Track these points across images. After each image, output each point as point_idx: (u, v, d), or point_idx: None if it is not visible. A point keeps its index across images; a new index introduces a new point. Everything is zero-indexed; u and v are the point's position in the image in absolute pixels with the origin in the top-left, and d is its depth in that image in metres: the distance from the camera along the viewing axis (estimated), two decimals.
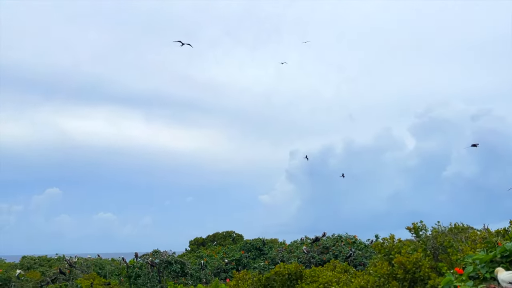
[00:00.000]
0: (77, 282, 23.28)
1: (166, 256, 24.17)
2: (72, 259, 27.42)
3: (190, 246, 44.55)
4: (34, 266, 33.93)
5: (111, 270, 30.78)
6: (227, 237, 43.15)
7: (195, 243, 44.91)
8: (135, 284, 22.99)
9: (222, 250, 33.04)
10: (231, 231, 44.79)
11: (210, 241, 43.39)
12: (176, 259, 24.10)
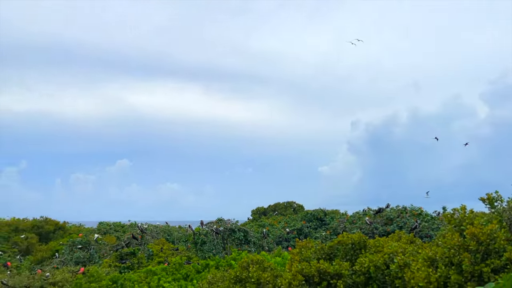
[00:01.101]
0: (149, 246, 24.77)
1: (229, 224, 24.91)
2: (143, 226, 29.11)
3: (252, 215, 45.61)
4: (110, 231, 36.58)
5: (178, 237, 32.40)
6: (288, 207, 43.58)
7: (256, 212, 45.91)
8: (201, 250, 24.01)
9: (283, 220, 33.49)
10: (292, 201, 45.15)
11: (271, 210, 44.09)
12: (239, 227, 24.77)
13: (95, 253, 27.06)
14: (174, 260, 14.95)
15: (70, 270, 20.05)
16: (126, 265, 21.79)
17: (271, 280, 7.44)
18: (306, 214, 31.51)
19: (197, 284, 8.98)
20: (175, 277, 11.92)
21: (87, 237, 29.21)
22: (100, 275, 14.46)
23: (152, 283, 11.70)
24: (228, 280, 7.90)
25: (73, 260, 25.80)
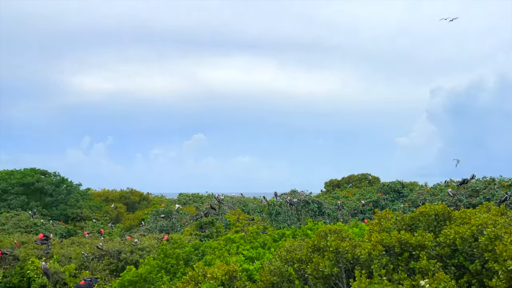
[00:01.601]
0: (226, 216, 25.72)
1: (303, 196, 24.99)
2: (220, 197, 30.20)
3: (325, 188, 45.33)
4: (189, 202, 38.53)
5: (253, 207, 33.24)
6: (363, 179, 42.64)
7: (330, 184, 45.53)
8: (275, 220, 24.45)
9: (358, 192, 32.89)
10: (367, 173, 44.09)
11: (345, 183, 43.46)
12: (313, 198, 24.78)
13: (176, 222, 28.72)
14: (251, 229, 15.38)
15: (155, 237, 21.53)
16: (206, 233, 22.88)
17: (350, 250, 7.36)
18: (382, 186, 30.65)
19: (274, 252, 9.16)
20: (253, 245, 12.30)
21: (168, 207, 31.05)
22: (183, 242, 15.34)
23: (232, 250, 12.18)
24: (305, 248, 7.96)
25: (157, 228, 27.63)
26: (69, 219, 33.24)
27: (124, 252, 18.01)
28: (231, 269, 6.50)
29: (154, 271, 12.38)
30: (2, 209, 30.09)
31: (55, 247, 18.85)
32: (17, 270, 15.81)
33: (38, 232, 24.94)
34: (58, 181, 35.98)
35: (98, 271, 16.82)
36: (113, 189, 44.45)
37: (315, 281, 7.42)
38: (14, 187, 33.19)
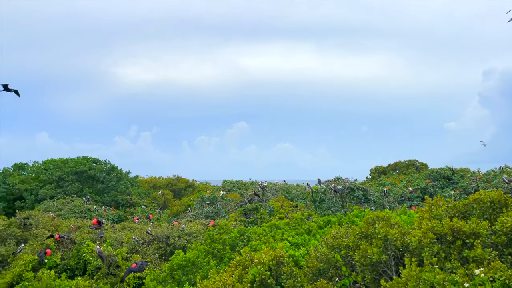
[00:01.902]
0: (270, 203, 25.89)
1: (348, 183, 24.65)
2: (263, 184, 30.39)
3: (371, 175, 44.50)
4: (233, 189, 39.08)
5: (296, 194, 33.25)
6: (410, 165, 41.45)
7: (375, 171, 44.63)
8: (320, 207, 24.31)
9: (405, 179, 32.03)
10: (414, 159, 42.82)
11: (392, 169, 42.44)
12: (358, 185, 24.38)
13: (221, 208, 29.24)
14: (295, 216, 15.40)
15: (201, 223, 22.05)
16: (250, 220, 23.17)
17: (399, 237, 7.19)
18: (431, 173, 29.65)
19: (320, 238, 9.12)
20: (298, 231, 12.31)
21: (213, 194, 31.64)
22: (228, 228, 15.62)
23: (277, 236, 12.26)
24: (352, 235, 7.86)
25: (203, 214, 28.27)
26: (119, 205, 34.70)
27: (172, 237, 18.58)
28: (278, 255, 6.54)
29: (202, 256, 12.70)
30: (58, 195, 31.86)
31: (107, 232, 19.75)
32: (74, 253, 16.72)
33: (91, 217, 26.24)
34: (108, 168, 37.56)
35: (148, 255, 17.47)
36: (160, 176, 45.87)
37: (363, 268, 7.33)
38: (68, 175, 35.00)
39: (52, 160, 37.62)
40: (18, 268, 15.50)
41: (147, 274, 13.84)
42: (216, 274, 6.99)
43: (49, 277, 12.59)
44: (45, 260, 16.03)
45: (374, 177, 42.32)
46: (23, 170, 37.36)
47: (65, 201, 29.85)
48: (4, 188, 33.47)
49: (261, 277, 6.31)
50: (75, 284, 13.14)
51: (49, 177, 34.97)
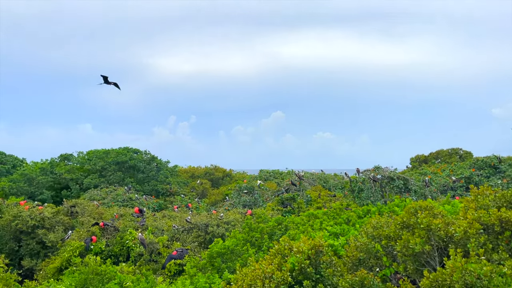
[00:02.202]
0: (307, 192, 25.77)
1: (387, 172, 24.11)
2: (300, 173, 30.25)
3: (411, 164, 43.35)
4: (270, 178, 39.16)
5: (334, 184, 32.90)
6: (453, 154, 40.02)
7: (416, 160, 43.43)
8: (358, 197, 23.96)
9: (448, 168, 30.98)
10: (458, 148, 41.30)
11: (433, 158, 41.16)
12: (398, 175, 23.80)
13: (258, 197, 29.41)
14: (334, 205, 15.25)
15: (239, 212, 22.28)
16: (287, 209, 23.18)
17: (443, 227, 6.97)
18: (475, 161, 28.51)
19: (360, 228, 8.98)
20: (337, 221, 12.19)
21: (251, 183, 31.87)
22: (266, 217, 15.69)
23: (315, 225, 12.19)
24: (394, 225, 7.69)
25: (240, 203, 28.55)
26: (159, 194, 35.61)
27: (211, 225, 18.89)
28: (317, 244, 6.50)
29: (240, 244, 12.84)
30: (102, 185, 33.07)
31: (149, 220, 20.34)
32: (117, 240, 17.33)
33: (133, 206, 27.08)
34: (148, 158, 38.55)
35: (188, 243, 17.87)
36: (198, 166, 46.62)
37: (405, 258, 7.17)
38: (110, 165, 36.21)
39: (95, 151, 39.01)
40: (67, 254, 16.26)
41: (187, 261, 14.16)
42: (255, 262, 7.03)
43: (95, 262, 13.11)
44: (91, 247, 16.72)
45: (415, 166, 41.20)
46: (68, 161, 38.98)
47: (108, 190, 30.95)
48: (51, 177, 35.09)
49: (300, 265, 6.30)
50: (119, 270, 13.63)
51: (93, 167, 36.33)
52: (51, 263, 16.92)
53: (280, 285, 6.08)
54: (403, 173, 27.01)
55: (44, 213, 21.63)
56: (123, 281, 11.87)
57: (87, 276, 12.69)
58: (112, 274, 12.71)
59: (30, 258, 20.60)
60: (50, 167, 36.38)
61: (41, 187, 33.79)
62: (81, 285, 12.51)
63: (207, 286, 9.95)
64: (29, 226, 20.94)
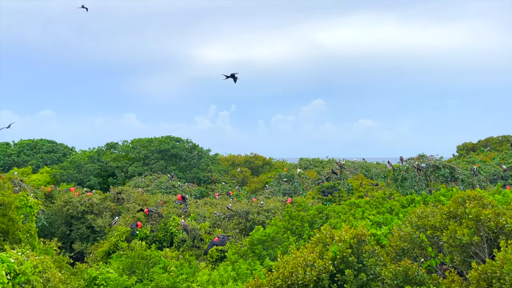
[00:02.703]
0: (348, 181, 25.43)
1: (433, 161, 23.33)
2: (341, 162, 29.86)
3: (458, 152, 41.74)
4: (310, 167, 38.95)
5: (376, 173, 32.26)
6: (504, 141, 38.10)
7: (463, 148, 41.75)
8: (401, 186, 23.36)
9: (498, 156, 29.57)
10: (509, 135, 39.27)
11: (482, 146, 39.38)
12: (444, 163, 22.97)
13: (298, 186, 29.34)
14: (376, 194, 14.97)
15: (279, 200, 22.35)
16: (328, 197, 22.99)
17: (493, 218, 6.68)
18: None
19: (404, 218, 8.78)
20: (379, 210, 11.97)
21: (290, 172, 31.81)
22: (306, 205, 15.65)
23: (357, 214, 12.03)
24: (440, 215, 7.45)
25: (280, 191, 28.61)
26: (201, 182, 36.31)
27: (251, 213, 19.08)
28: (359, 233, 6.41)
29: (281, 232, 12.90)
30: (145, 172, 34.11)
31: (191, 207, 20.81)
32: (161, 226, 17.88)
33: (176, 193, 27.78)
34: (190, 147, 39.31)
35: (229, 230, 18.16)
36: (238, 154, 47.04)
37: (451, 249, 6.94)
38: (153, 153, 37.25)
39: (139, 140, 40.22)
40: (114, 238, 16.96)
41: (228, 248, 14.40)
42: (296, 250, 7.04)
43: (141, 247, 13.61)
44: (137, 232, 17.34)
45: (462, 154, 39.62)
46: (114, 149, 40.45)
47: (151, 178, 31.90)
48: (98, 165, 36.59)
49: (342, 254, 6.25)
50: (163, 255, 14.07)
51: (137, 155, 37.52)
52: (99, 247, 17.73)
53: (322, 273, 6.07)
54: (449, 162, 26.05)
55: (93, 199, 22.62)
56: (167, 266, 12.26)
57: (133, 260, 13.20)
58: (157, 259, 13.15)
59: (80, 241, 21.69)
60: (97, 155, 37.92)
61: (89, 174, 35.32)
62: (128, 268, 13.03)
63: (249, 273, 10.08)
64: (79, 211, 22.01)
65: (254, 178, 38.96)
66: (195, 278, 10.30)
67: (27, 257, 8.20)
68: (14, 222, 11.07)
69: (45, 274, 8.41)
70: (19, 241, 11.24)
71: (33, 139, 45.21)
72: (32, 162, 40.95)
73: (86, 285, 11.28)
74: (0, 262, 7.29)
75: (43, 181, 32.78)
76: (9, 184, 12.30)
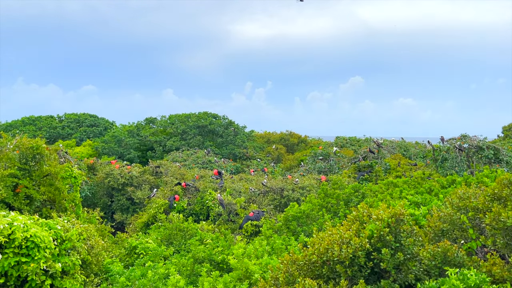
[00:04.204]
0: (385, 161, 24.94)
1: (476, 141, 22.46)
2: (379, 141, 29.27)
3: (504, 133, 39.95)
4: (346, 145, 38.44)
5: (415, 153, 31.45)
6: None
7: (509, 129, 39.89)
8: (441, 167, 22.70)
9: None
10: None
11: None
12: (488, 144, 22.08)
13: (334, 164, 29.09)
14: (415, 174, 14.62)
15: (314, 178, 22.27)
16: (364, 177, 22.68)
17: None
18: None
19: (444, 198, 8.54)
20: (418, 190, 11.70)
21: (326, 150, 31.53)
22: (342, 184, 15.52)
23: (394, 194, 11.82)
24: (483, 196, 7.19)
25: (315, 169, 28.48)
26: (236, 158, 36.68)
27: (286, 189, 19.15)
28: (397, 212, 6.30)
29: (316, 209, 12.89)
30: (183, 147, 34.79)
31: (227, 182, 21.11)
32: (198, 200, 18.28)
33: (212, 168, 28.23)
34: (226, 123, 39.62)
35: (263, 205, 18.35)
36: (273, 131, 47.03)
37: (494, 231, 6.71)
38: (191, 128, 37.83)
39: (177, 115, 40.90)
40: (153, 210, 17.53)
41: (263, 223, 14.57)
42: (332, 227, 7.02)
43: (178, 219, 14.00)
44: (174, 205, 17.83)
45: (508, 135, 37.91)
46: (153, 124, 41.38)
47: (189, 153, 32.51)
48: (138, 139, 37.61)
49: (379, 233, 6.17)
50: (200, 227, 14.43)
51: (174, 130, 38.24)
52: (139, 218, 18.39)
53: (358, 251, 6.03)
54: (493, 143, 24.99)
55: (132, 172, 23.36)
56: (204, 238, 12.57)
57: (171, 231, 13.61)
58: (194, 231, 13.51)
59: (121, 212, 22.56)
60: (136, 129, 38.95)
61: (128, 148, 36.43)
62: (166, 239, 13.47)
63: (283, 248, 10.19)
64: (119, 183, 22.81)
65: (289, 156, 38.93)
66: (231, 251, 10.53)
67: (72, 225, 8.62)
68: (60, 191, 11.62)
69: (89, 241, 8.84)
70: (64, 209, 11.83)
71: (76, 113, 46.93)
72: (75, 136, 42.65)
73: (127, 253, 11.77)
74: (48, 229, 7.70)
75: (85, 154, 34.13)
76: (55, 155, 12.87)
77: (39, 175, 11.26)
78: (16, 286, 7.10)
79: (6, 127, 41.18)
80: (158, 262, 10.16)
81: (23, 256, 6.93)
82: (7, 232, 6.90)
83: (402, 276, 5.94)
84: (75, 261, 7.70)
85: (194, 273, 10.08)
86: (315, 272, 6.13)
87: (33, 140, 11.45)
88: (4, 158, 10.94)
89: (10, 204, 10.61)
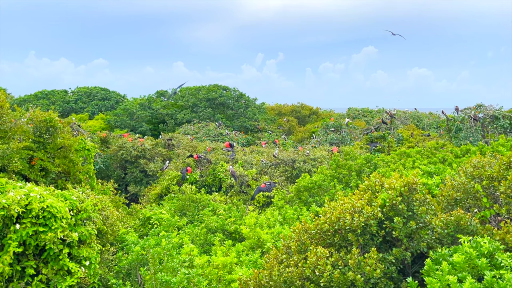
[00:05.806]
0: (398, 131, 24.70)
1: (491, 111, 22.05)
2: (392, 111, 28.92)
3: None
4: (358, 116, 38.11)
5: (429, 123, 31.08)
6: None
7: None
8: (455, 137, 22.41)
9: None
10: None
11: None
12: (504, 113, 21.67)
13: (346, 135, 28.92)
14: (429, 144, 14.46)
15: (326, 149, 22.22)
16: (377, 148, 22.54)
17: None
18: None
19: (457, 168, 8.45)
20: (431, 160, 11.59)
21: (338, 121, 31.30)
22: (354, 154, 15.45)
23: (407, 164, 11.74)
24: (498, 165, 7.09)
25: (327, 141, 28.37)
26: (248, 130, 36.67)
27: (297, 161, 19.16)
28: (410, 181, 6.25)
29: (327, 180, 12.91)
30: (194, 120, 34.85)
31: (238, 154, 21.18)
32: (210, 172, 18.42)
33: (223, 140, 28.30)
34: (237, 96, 39.43)
35: (275, 177, 18.42)
36: (285, 104, 46.73)
37: (508, 200, 6.65)
38: (201, 101, 37.76)
39: (188, 88, 40.78)
40: (166, 182, 17.73)
41: (275, 194, 14.67)
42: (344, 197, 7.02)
43: (191, 191, 14.16)
44: (187, 177, 18.00)
45: None
46: (164, 97, 41.39)
47: (200, 126, 32.58)
48: (149, 112, 37.74)
49: (392, 202, 6.15)
50: (212, 198, 14.60)
51: (185, 103, 38.22)
52: (152, 190, 18.65)
53: (370, 219, 6.03)
54: (510, 112, 24.51)
55: (145, 145, 23.55)
56: (216, 209, 12.73)
57: (184, 202, 13.80)
58: (206, 202, 13.67)
59: (134, 184, 22.89)
60: (148, 102, 39.02)
61: (140, 121, 36.62)
62: (179, 210, 13.68)
63: (295, 217, 10.27)
64: (132, 156, 23.05)
65: (300, 128, 38.79)
66: (243, 221, 10.65)
67: (87, 196, 8.77)
68: (74, 163, 11.78)
69: (104, 212, 9.00)
70: (79, 181, 12.02)
71: (88, 87, 47.09)
72: (88, 109, 42.94)
73: (141, 224, 11.99)
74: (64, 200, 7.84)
75: (98, 127, 34.43)
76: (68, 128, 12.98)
77: (53, 148, 11.40)
78: (35, 255, 7.30)
79: (20, 101, 41.57)
80: (171, 232, 10.34)
81: (41, 226, 7.09)
82: (24, 203, 7.05)
83: (414, 245, 5.94)
84: (91, 230, 7.86)
85: (207, 243, 10.26)
86: (327, 240, 6.17)
87: (46, 113, 11.53)
88: (19, 131, 11.07)
89: (26, 176, 10.80)
